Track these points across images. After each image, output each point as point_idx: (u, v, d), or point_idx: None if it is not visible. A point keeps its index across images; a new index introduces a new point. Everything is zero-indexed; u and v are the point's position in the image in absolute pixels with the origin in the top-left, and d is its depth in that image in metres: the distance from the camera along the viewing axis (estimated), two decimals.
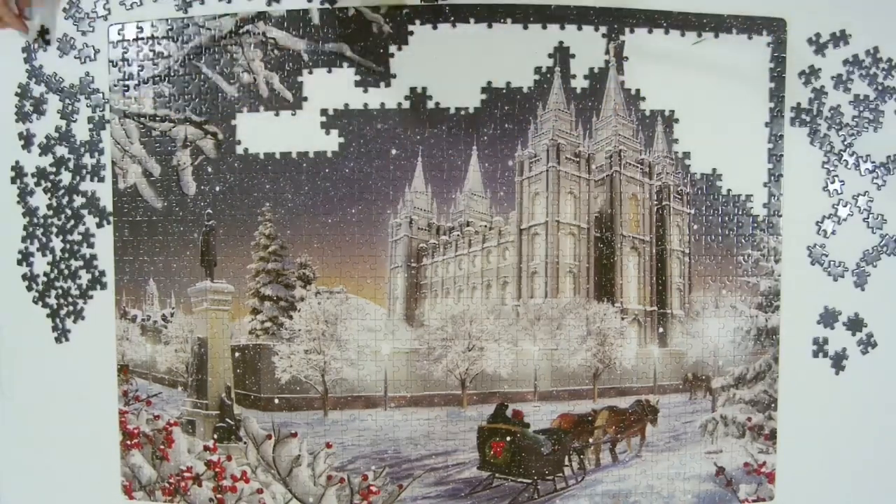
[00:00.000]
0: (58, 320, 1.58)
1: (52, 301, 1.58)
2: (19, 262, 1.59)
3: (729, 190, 1.52)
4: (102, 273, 1.56)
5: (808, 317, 1.53)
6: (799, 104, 1.51)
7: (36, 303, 1.59)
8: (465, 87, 1.49)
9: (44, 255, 1.58)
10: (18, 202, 1.59)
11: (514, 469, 1.50)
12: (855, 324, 1.53)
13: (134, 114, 1.53)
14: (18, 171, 1.58)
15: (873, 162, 1.52)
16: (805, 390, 1.53)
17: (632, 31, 1.49)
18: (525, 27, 1.48)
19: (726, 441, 1.53)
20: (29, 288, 1.59)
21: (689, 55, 1.49)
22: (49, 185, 1.57)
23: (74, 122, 1.55)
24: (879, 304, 1.53)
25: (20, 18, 1.52)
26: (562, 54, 1.49)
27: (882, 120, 1.51)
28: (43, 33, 1.55)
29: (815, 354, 1.53)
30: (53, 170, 1.57)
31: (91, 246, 1.57)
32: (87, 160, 1.56)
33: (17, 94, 1.57)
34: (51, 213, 1.57)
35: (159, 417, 1.56)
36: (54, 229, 1.57)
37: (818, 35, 1.50)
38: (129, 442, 1.55)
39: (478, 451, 1.51)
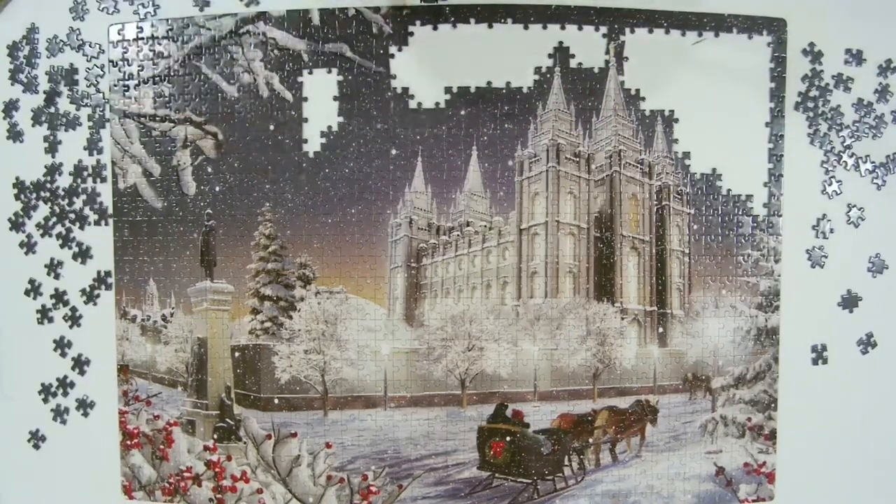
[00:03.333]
0: (59, 320, 1.58)
1: (52, 301, 1.58)
2: (20, 257, 1.59)
3: (729, 190, 1.52)
4: (107, 274, 1.56)
5: (808, 317, 1.53)
6: (798, 102, 1.51)
7: (36, 302, 1.59)
8: (466, 88, 1.49)
9: (45, 254, 1.58)
10: (19, 202, 1.59)
11: (513, 469, 1.50)
12: (855, 324, 1.53)
13: (134, 114, 1.53)
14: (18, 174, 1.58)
15: (873, 162, 1.52)
16: (805, 390, 1.53)
17: (632, 31, 1.49)
18: (525, 27, 1.48)
19: (726, 441, 1.53)
20: (29, 288, 1.59)
21: (689, 55, 1.49)
22: (48, 191, 1.57)
23: (80, 125, 1.55)
24: (879, 304, 1.53)
25: None
26: (562, 54, 1.49)
27: (884, 125, 1.51)
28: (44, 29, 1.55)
29: (815, 354, 1.53)
30: (49, 176, 1.57)
31: (92, 247, 1.57)
32: (88, 160, 1.55)
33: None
34: (51, 214, 1.57)
35: (159, 417, 1.56)
36: (55, 230, 1.57)
37: (818, 36, 1.50)
38: (128, 442, 1.56)
39: (477, 451, 1.51)
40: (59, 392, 1.58)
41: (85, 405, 1.58)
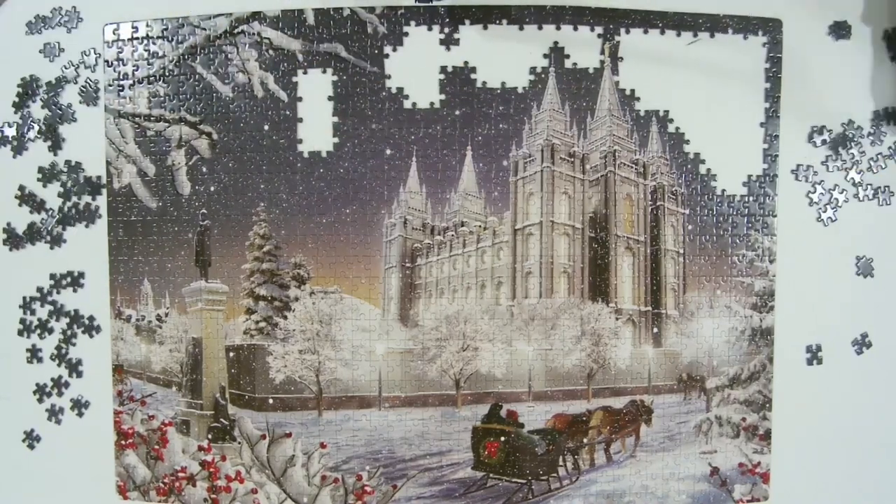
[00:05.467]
0: (53, 321, 1.58)
1: (47, 301, 1.58)
2: (14, 257, 1.59)
3: (724, 190, 1.52)
4: (101, 274, 1.56)
5: (803, 317, 1.53)
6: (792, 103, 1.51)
7: (31, 302, 1.59)
8: (460, 88, 1.49)
9: (39, 254, 1.58)
10: (13, 201, 1.59)
11: (508, 469, 1.50)
12: (849, 324, 1.53)
13: (129, 114, 1.53)
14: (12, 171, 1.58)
15: (867, 163, 1.52)
16: (799, 391, 1.53)
17: (627, 32, 1.49)
18: (521, 28, 1.48)
19: (721, 441, 1.53)
20: (24, 288, 1.59)
21: (684, 55, 1.49)
22: (43, 190, 1.57)
23: (75, 121, 1.55)
24: (874, 304, 1.53)
25: None
26: (557, 54, 1.49)
27: (880, 125, 1.52)
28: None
29: (810, 355, 1.53)
30: (41, 174, 1.57)
31: (87, 247, 1.56)
32: (83, 160, 1.55)
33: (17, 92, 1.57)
34: (46, 214, 1.57)
35: (154, 417, 1.56)
36: (49, 230, 1.57)
37: (812, 35, 1.50)
38: (123, 442, 1.55)
39: (472, 452, 1.51)
40: (54, 392, 1.58)
41: (80, 405, 1.58)
